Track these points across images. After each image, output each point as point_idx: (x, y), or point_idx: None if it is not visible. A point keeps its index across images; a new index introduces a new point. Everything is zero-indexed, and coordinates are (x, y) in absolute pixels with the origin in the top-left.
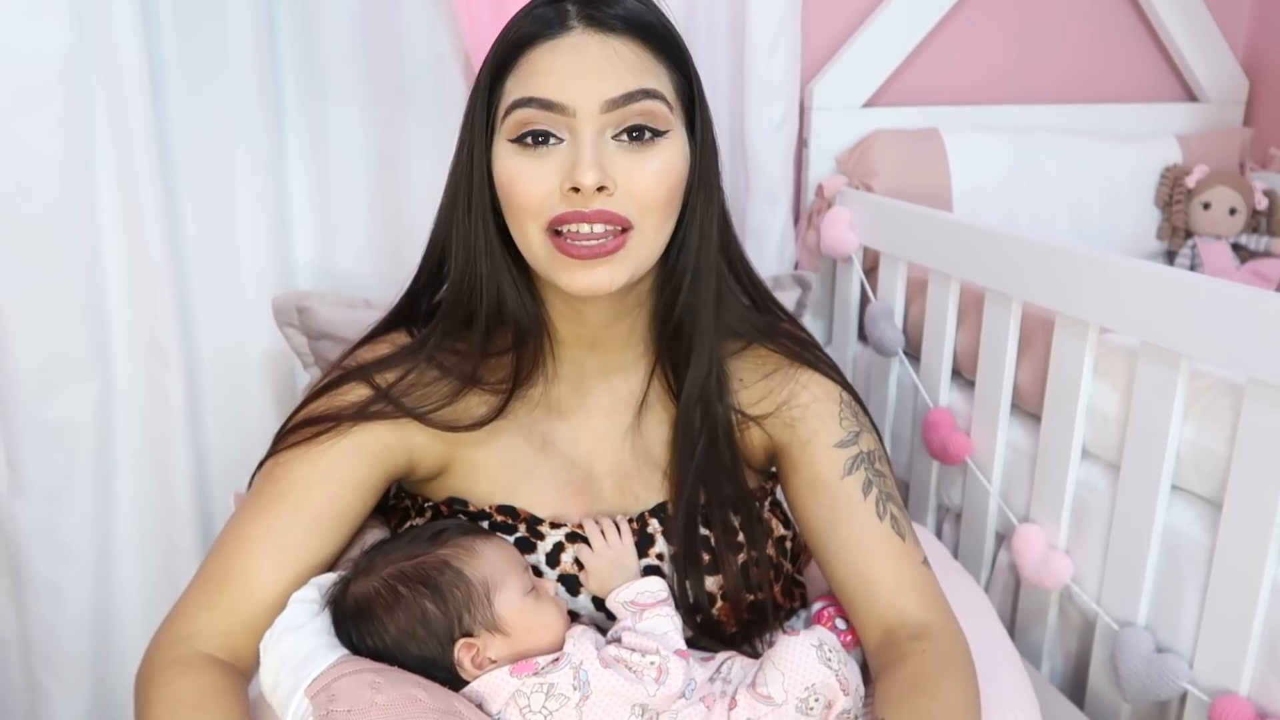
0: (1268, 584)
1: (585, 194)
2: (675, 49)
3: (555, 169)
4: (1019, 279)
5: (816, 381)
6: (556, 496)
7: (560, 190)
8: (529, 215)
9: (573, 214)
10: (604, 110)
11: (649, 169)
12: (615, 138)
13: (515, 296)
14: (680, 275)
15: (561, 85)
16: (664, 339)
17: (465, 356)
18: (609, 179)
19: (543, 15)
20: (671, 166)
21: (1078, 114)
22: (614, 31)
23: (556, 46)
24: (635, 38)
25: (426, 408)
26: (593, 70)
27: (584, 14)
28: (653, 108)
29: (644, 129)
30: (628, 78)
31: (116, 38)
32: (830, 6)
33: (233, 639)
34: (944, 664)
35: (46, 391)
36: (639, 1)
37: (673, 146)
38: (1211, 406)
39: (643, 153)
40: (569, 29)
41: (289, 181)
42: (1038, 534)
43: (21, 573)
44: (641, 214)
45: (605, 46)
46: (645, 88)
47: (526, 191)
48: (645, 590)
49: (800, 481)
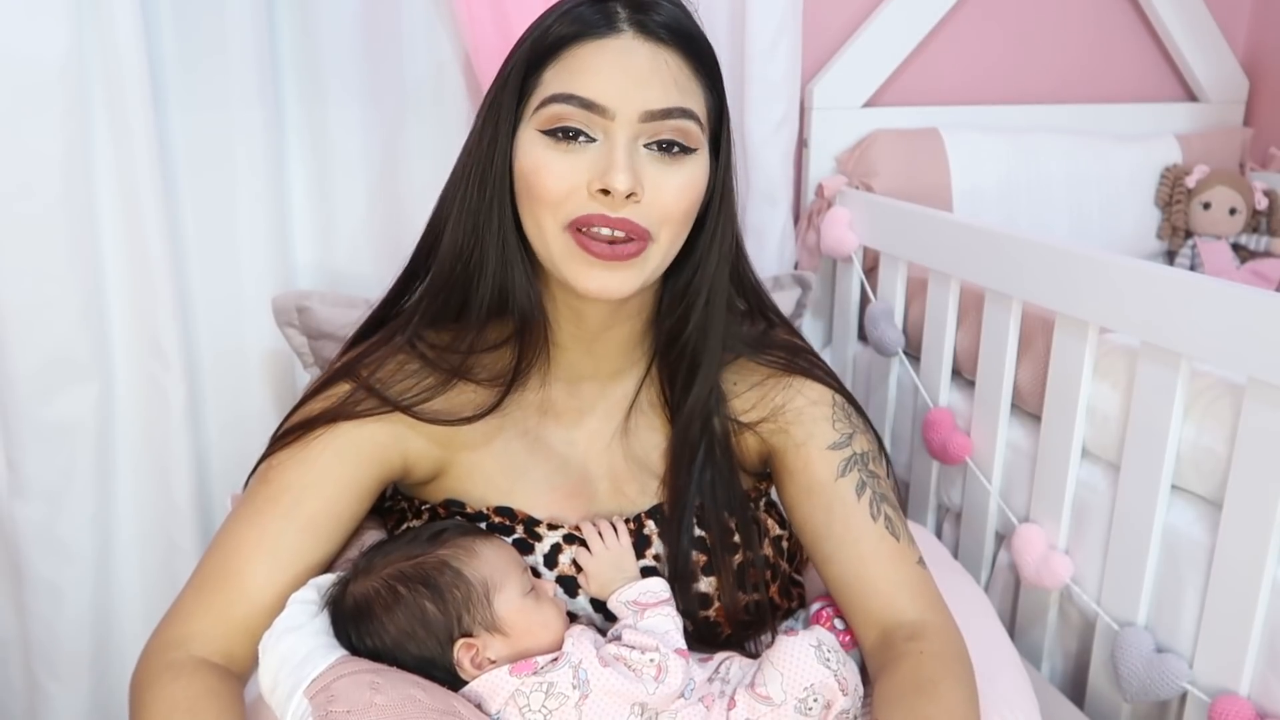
0: (1268, 584)
1: (615, 198)
2: (712, 68)
3: (585, 167)
4: (1019, 279)
5: (809, 386)
6: (553, 498)
7: (588, 190)
8: (548, 209)
9: (598, 216)
10: (643, 120)
11: (675, 182)
12: (646, 146)
13: (525, 287)
14: (695, 294)
15: (605, 86)
16: (668, 353)
17: (451, 348)
18: (640, 185)
19: (588, 15)
20: (694, 183)
21: (1078, 114)
22: (662, 42)
23: (604, 46)
24: (681, 51)
25: (412, 398)
26: (639, 78)
27: (634, 19)
28: (687, 127)
29: (674, 144)
30: (672, 92)
31: (116, 38)
32: (830, 6)
33: (228, 642)
34: (941, 665)
35: (46, 392)
36: (681, 11)
37: (698, 164)
38: (1211, 406)
39: (671, 165)
40: (619, 31)
41: (289, 182)
42: (1038, 534)
43: (21, 573)
44: (660, 226)
45: (655, 57)
46: (685, 107)
47: (552, 186)
48: (648, 590)
49: (794, 484)
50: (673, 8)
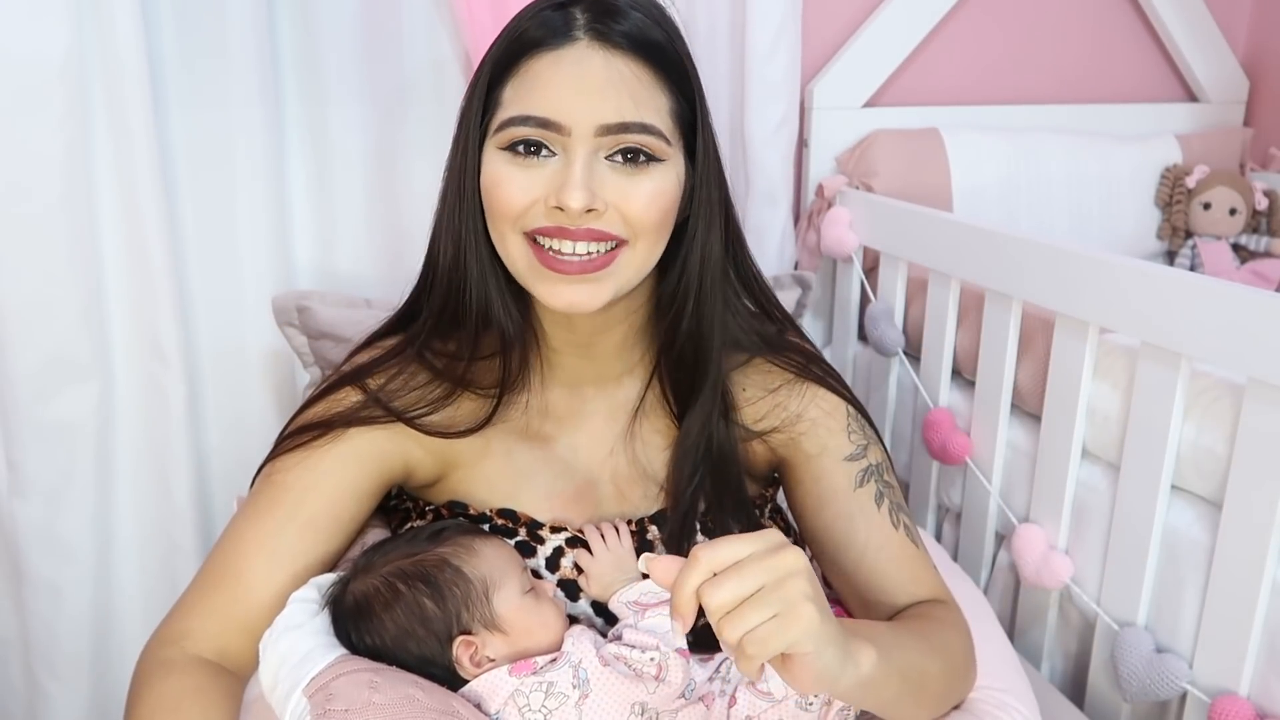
0: (1268, 584)
1: (570, 215)
2: (680, 74)
3: (543, 182)
4: (1019, 279)
5: (823, 396)
6: (557, 501)
7: (545, 205)
8: (508, 222)
9: (555, 229)
10: (598, 134)
11: (641, 191)
12: (609, 158)
13: (500, 302)
14: (683, 300)
15: (558, 103)
16: (667, 357)
17: (455, 358)
18: (599, 200)
19: (549, 20)
20: (664, 191)
21: (1078, 114)
22: (619, 50)
23: (559, 58)
24: (640, 59)
25: (417, 411)
26: (593, 89)
27: (591, 27)
28: (646, 140)
29: (639, 152)
30: (627, 104)
31: (116, 38)
32: (830, 6)
33: (224, 640)
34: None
35: (47, 392)
36: (648, 17)
37: (667, 173)
38: (1211, 406)
39: (636, 175)
40: (573, 40)
41: (289, 181)
42: (1038, 534)
43: (21, 573)
44: (634, 233)
45: (609, 67)
46: (643, 122)
47: (510, 200)
48: (649, 591)
49: (808, 494)
50: (639, 15)
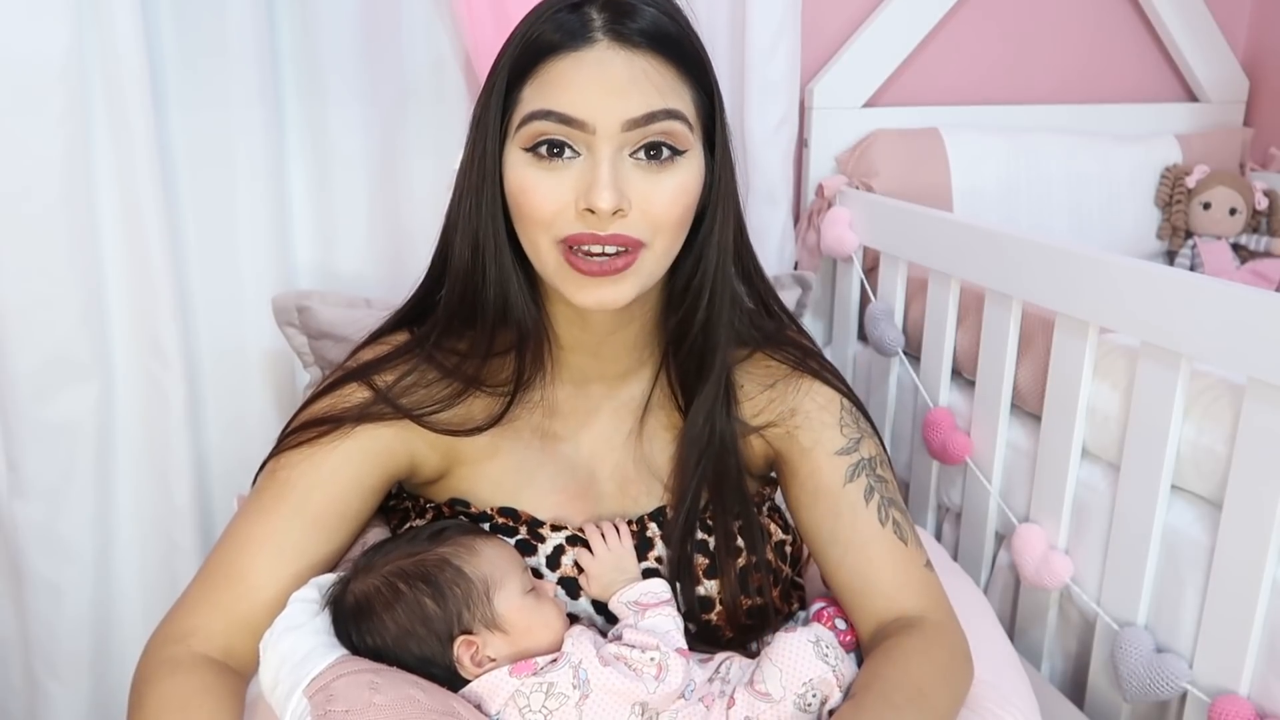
0: (1268, 584)
1: (600, 216)
2: (699, 66)
3: (570, 185)
4: (1019, 279)
5: (818, 390)
6: (558, 499)
7: (575, 208)
8: (540, 228)
9: (588, 235)
10: (625, 129)
11: (665, 188)
12: (633, 155)
13: (521, 301)
14: (697, 292)
15: (582, 101)
16: (676, 351)
17: (468, 357)
18: (625, 200)
19: (565, 22)
20: (687, 187)
21: (1077, 114)
22: (638, 48)
23: (580, 59)
24: (659, 54)
25: (427, 410)
26: (616, 88)
27: (609, 27)
28: (673, 128)
29: (663, 146)
30: (652, 97)
31: (116, 38)
32: (830, 6)
33: (229, 638)
34: (925, 642)
35: (46, 391)
36: (662, 13)
37: (690, 166)
38: (1211, 406)
39: (660, 172)
40: (593, 42)
41: (289, 181)
42: (1038, 534)
43: (21, 573)
44: (654, 232)
45: (630, 65)
46: (668, 108)
47: (539, 206)
48: (649, 591)
49: (801, 489)
50: (653, 11)
